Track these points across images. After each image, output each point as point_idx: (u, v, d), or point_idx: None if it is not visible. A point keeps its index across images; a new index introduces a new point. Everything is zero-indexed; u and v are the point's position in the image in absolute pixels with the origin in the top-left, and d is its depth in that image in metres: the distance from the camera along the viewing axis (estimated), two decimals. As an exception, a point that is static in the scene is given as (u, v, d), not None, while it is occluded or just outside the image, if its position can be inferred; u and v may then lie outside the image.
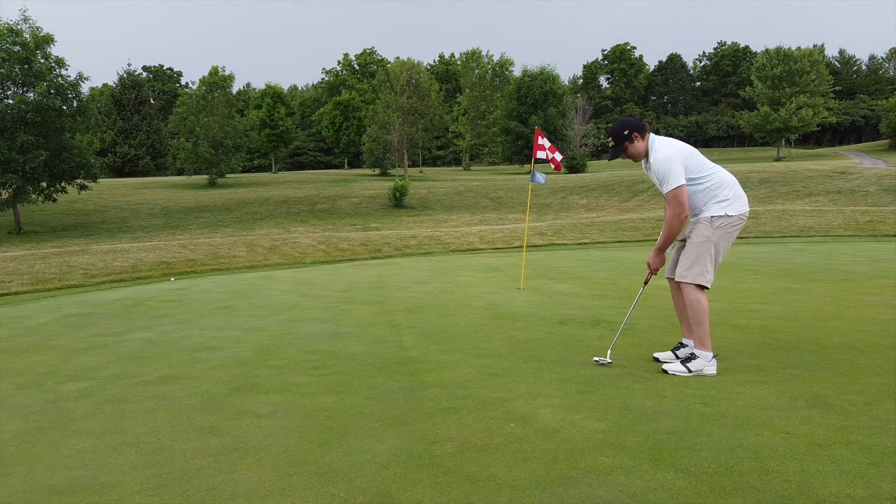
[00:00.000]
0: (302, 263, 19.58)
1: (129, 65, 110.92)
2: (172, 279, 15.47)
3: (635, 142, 5.17)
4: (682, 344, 5.48)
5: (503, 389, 4.61)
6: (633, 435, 3.65)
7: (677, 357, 5.40)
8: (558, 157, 10.49)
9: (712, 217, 5.07)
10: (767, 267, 12.37)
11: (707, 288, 5.08)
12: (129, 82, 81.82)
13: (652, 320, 7.24)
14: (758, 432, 3.67)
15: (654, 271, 5.39)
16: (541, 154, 10.42)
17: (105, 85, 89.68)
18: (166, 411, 4.39)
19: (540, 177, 10.67)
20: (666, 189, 5.02)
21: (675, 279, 5.26)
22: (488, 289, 10.47)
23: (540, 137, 10.45)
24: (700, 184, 5.09)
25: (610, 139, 5.30)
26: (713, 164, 5.21)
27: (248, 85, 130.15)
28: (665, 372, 5.05)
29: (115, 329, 7.90)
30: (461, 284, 11.17)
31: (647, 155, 5.18)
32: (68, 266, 17.58)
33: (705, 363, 5.01)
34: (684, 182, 4.97)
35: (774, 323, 6.96)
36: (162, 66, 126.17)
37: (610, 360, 5.30)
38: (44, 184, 36.46)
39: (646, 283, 5.58)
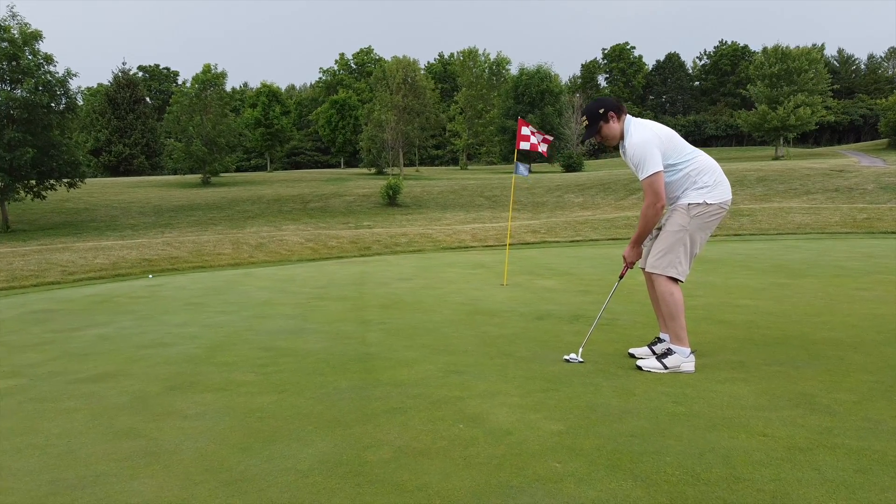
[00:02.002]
0: (288, 261, 19.21)
1: (123, 63, 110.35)
2: (150, 276, 15.08)
3: (611, 122, 4.79)
4: (658, 339, 5.11)
5: (461, 387, 4.23)
6: (592, 437, 3.27)
7: (653, 353, 5.03)
8: (542, 147, 10.05)
9: (689, 205, 4.68)
10: (760, 263, 12.00)
11: (680, 281, 4.71)
12: (124, 81, 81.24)
13: (633, 315, 6.86)
14: (732, 435, 3.29)
15: (629, 265, 5.02)
16: (524, 145, 10.01)
17: (100, 84, 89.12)
18: (88, 411, 4.01)
19: (523, 169, 10.28)
20: (641, 176, 4.64)
21: (646, 269, 4.89)
22: (470, 285, 10.09)
23: (524, 127, 10.05)
24: (678, 170, 4.71)
25: (584, 118, 4.91)
26: (693, 149, 4.82)
27: (246, 84, 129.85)
28: (639, 369, 4.68)
29: (71, 325, 7.53)
30: (444, 281, 10.80)
31: (622, 138, 4.80)
32: (48, 263, 17.19)
33: (682, 359, 4.64)
34: (661, 169, 4.59)
35: (762, 318, 6.58)
36: (158, 65, 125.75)
37: (581, 359, 4.92)
38: (32, 181, 36.03)
39: (621, 276, 5.22)
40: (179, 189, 51.77)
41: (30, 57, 34.58)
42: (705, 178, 4.70)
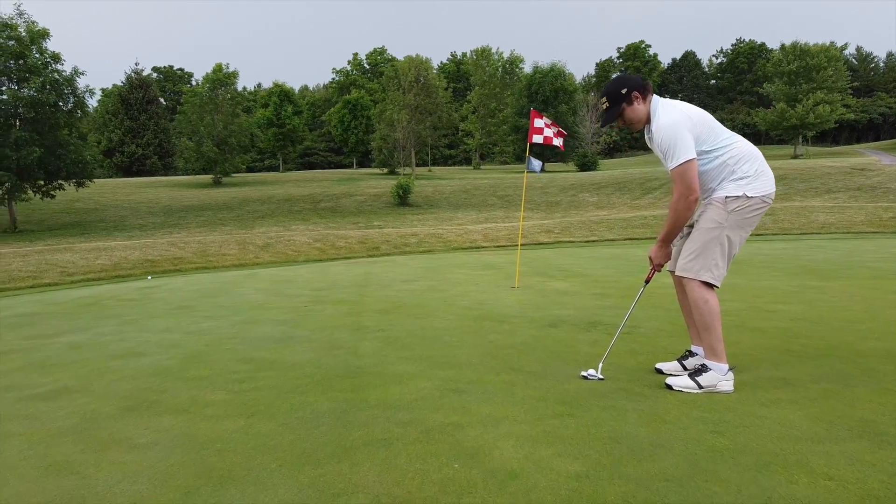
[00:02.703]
0: (294, 262, 18.66)
1: (136, 64, 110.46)
2: (149, 277, 14.58)
3: (635, 104, 4.16)
4: (690, 352, 4.48)
5: (459, 411, 3.62)
6: (617, 482, 2.65)
7: (684, 368, 4.40)
8: (557, 141, 9.39)
9: (727, 198, 4.04)
10: (786, 264, 11.30)
11: (716, 286, 4.07)
12: (137, 81, 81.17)
13: (657, 322, 6.22)
14: (791, 477, 2.67)
15: (656, 267, 4.38)
16: (537, 138, 9.38)
17: (115, 86, 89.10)
18: (27, 437, 3.44)
19: (536, 164, 9.64)
20: (670, 164, 4.00)
21: (676, 273, 4.25)
22: (479, 287, 9.48)
23: (537, 119, 9.41)
24: (714, 157, 4.07)
25: (604, 100, 4.27)
26: (731, 134, 4.18)
27: (259, 86, 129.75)
28: (669, 387, 4.05)
29: (49, 331, 6.99)
30: (451, 282, 10.19)
31: (648, 121, 4.18)
32: (47, 264, 16.74)
33: (719, 377, 4.01)
34: (693, 156, 3.95)
35: (798, 326, 5.93)
36: (172, 66, 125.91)
37: (601, 376, 4.28)
38: (41, 182, 35.74)
39: (647, 281, 4.56)
40: (190, 189, 51.47)
41: (37, 55, 34.21)
42: (745, 166, 4.06)
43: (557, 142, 9.46)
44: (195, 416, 3.70)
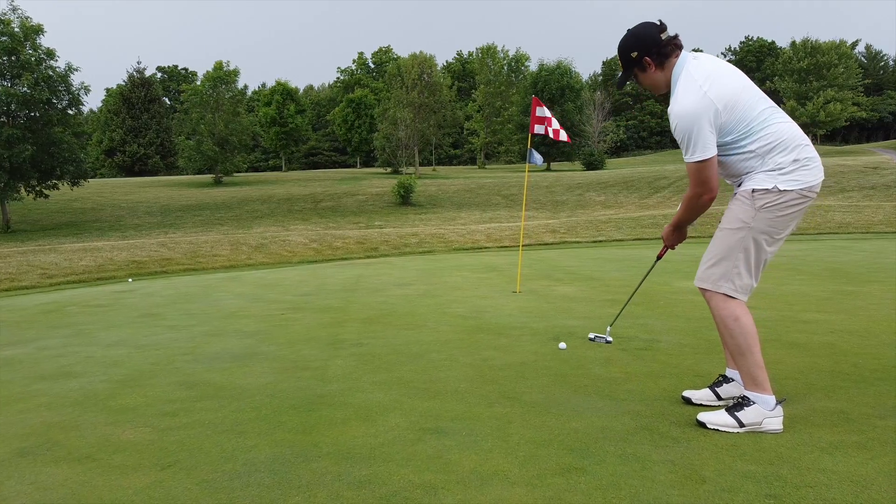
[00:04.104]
0: (289, 263, 17.86)
1: (138, 62, 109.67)
2: (130, 280, 13.79)
3: (648, 71, 3.33)
4: (724, 377, 3.66)
5: (436, 464, 2.79)
6: None
7: (718, 398, 3.57)
8: (562, 135, 8.56)
9: (754, 191, 3.19)
10: (811, 266, 10.43)
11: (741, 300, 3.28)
12: (139, 80, 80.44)
13: (677, 335, 5.37)
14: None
15: (670, 246, 3.75)
16: (539, 129, 8.55)
17: (119, 86, 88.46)
18: None
19: (538, 157, 8.81)
20: (685, 157, 3.20)
21: (695, 282, 3.43)
22: (478, 292, 8.64)
23: (538, 108, 8.59)
24: (741, 148, 3.20)
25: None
26: (768, 114, 3.21)
27: (264, 85, 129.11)
28: (702, 425, 3.22)
29: (-11, 343, 6.19)
30: (448, 287, 9.36)
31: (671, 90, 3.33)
32: (28, 266, 15.98)
33: (765, 412, 3.18)
34: (711, 154, 3.12)
35: (842, 340, 5.11)
36: (176, 66, 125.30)
37: (609, 338, 3.57)
38: (34, 181, 34.98)
39: (659, 257, 4.15)
40: (190, 189, 50.72)
41: (30, 51, 33.45)
42: (781, 156, 3.17)
43: (562, 136, 8.62)
44: (98, 465, 2.88)
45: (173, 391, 4.08)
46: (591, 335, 4.04)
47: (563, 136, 8.64)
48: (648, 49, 3.28)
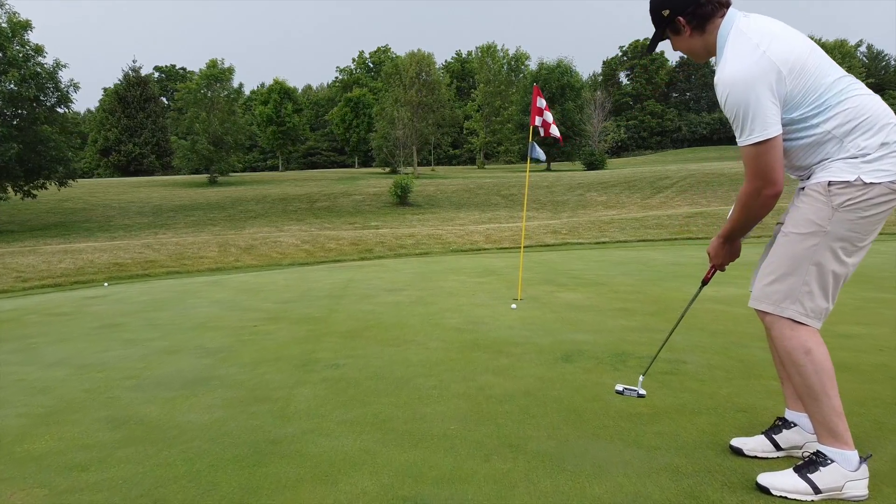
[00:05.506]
0: (279, 265, 17.10)
1: (134, 61, 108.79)
2: (105, 284, 13.01)
3: (683, 34, 2.57)
4: (783, 421, 2.89)
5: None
6: None
7: (777, 447, 2.81)
8: (553, 130, 7.81)
9: (831, 184, 2.42)
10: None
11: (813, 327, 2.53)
12: (134, 79, 79.49)
13: (706, 354, 4.60)
14: None
15: (718, 266, 2.88)
16: (539, 120, 7.79)
17: (115, 84, 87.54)
18: None
19: (539, 152, 8.04)
20: (739, 139, 2.43)
21: (750, 303, 2.65)
22: (475, 299, 7.87)
23: (539, 98, 7.83)
24: (812, 127, 2.44)
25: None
26: (847, 85, 2.46)
27: (262, 85, 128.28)
28: (765, 491, 2.46)
29: (-83, 361, 5.41)
30: (442, 293, 8.58)
31: (716, 54, 2.56)
32: (3, 268, 15.21)
33: (847, 473, 2.43)
34: (775, 133, 2.36)
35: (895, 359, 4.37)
36: (174, 65, 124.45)
37: (642, 391, 3.05)
38: (21, 181, 34.13)
39: (704, 282, 3.09)
40: (184, 189, 49.88)
41: (17, 48, 32.61)
42: (864, 138, 2.41)
43: (554, 131, 7.86)
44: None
45: (96, 432, 3.31)
46: (619, 387, 3.30)
47: (555, 131, 7.86)
48: (683, 6, 2.52)
